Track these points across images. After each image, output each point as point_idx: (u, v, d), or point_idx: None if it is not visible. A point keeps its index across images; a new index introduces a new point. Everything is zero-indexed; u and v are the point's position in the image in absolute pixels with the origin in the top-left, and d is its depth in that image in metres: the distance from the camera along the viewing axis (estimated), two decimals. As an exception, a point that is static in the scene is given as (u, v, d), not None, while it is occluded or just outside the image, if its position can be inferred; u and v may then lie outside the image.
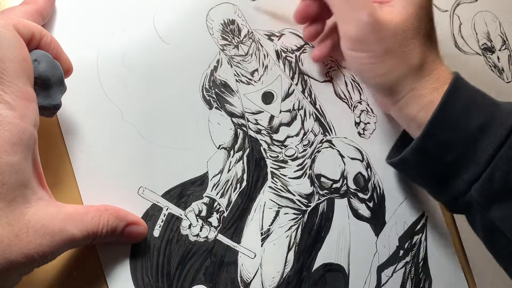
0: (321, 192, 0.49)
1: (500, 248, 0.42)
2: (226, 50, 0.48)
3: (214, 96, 0.47)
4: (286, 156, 0.48)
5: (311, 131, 0.50)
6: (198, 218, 0.44)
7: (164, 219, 0.43)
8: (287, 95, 0.49)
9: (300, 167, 0.49)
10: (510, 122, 0.39)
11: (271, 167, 0.48)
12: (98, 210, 0.36)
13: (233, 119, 0.47)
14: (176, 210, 0.44)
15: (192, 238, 0.43)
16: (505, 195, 0.39)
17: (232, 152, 0.47)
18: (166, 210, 0.43)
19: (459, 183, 0.41)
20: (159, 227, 0.43)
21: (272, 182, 0.48)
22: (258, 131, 0.48)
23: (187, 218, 0.44)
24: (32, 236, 0.30)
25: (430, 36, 0.41)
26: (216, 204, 0.45)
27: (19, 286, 0.33)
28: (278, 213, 0.47)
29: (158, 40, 0.46)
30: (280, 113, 0.49)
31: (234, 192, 0.46)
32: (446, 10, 0.61)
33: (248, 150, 0.47)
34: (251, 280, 0.45)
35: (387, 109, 0.47)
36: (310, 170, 0.49)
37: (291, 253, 0.46)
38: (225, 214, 0.45)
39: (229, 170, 0.46)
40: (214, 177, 0.45)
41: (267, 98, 0.49)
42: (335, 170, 0.50)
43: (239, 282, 0.44)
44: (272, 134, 0.48)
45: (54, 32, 0.43)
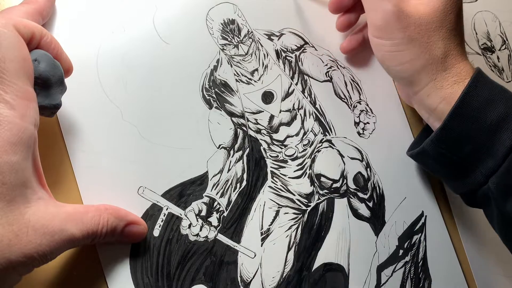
0: (321, 191, 0.49)
1: None
2: (226, 50, 0.48)
3: (214, 95, 0.47)
4: (286, 155, 0.48)
5: (311, 131, 0.50)
6: (198, 217, 0.44)
7: (164, 219, 0.43)
8: (287, 95, 0.49)
9: (300, 167, 0.49)
10: None
11: (271, 167, 0.48)
12: (98, 210, 0.36)
13: (233, 119, 0.47)
14: (176, 210, 0.44)
15: (192, 238, 0.44)
16: None
17: (232, 151, 0.47)
18: (166, 209, 0.43)
19: (477, 175, 0.41)
20: (159, 227, 0.43)
21: (272, 181, 0.48)
22: (258, 131, 0.48)
23: (187, 217, 0.44)
24: (32, 235, 0.31)
25: (455, 30, 0.42)
26: (216, 203, 0.45)
27: (19, 286, 0.33)
28: (278, 212, 0.47)
29: (158, 39, 0.46)
30: (280, 112, 0.49)
31: (234, 191, 0.46)
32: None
33: (248, 149, 0.47)
34: (251, 279, 0.45)
35: (410, 101, 0.47)
36: (310, 170, 0.49)
37: (291, 252, 0.47)
38: (225, 214, 0.45)
39: (229, 170, 0.46)
40: (214, 176, 0.45)
41: (267, 97, 0.49)
42: (335, 170, 0.50)
43: (239, 281, 0.44)
44: (272, 134, 0.48)
45: (54, 31, 0.43)
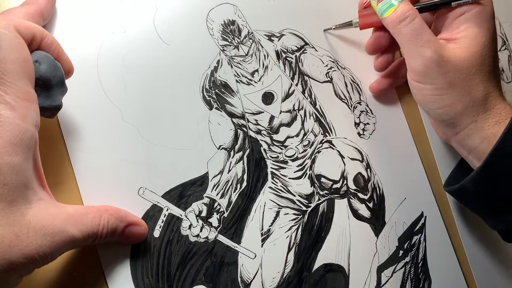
0: (321, 192, 0.49)
1: None
2: (226, 51, 0.48)
3: (214, 96, 0.47)
4: (286, 156, 0.48)
5: (311, 132, 0.50)
6: (198, 218, 0.44)
7: (164, 220, 0.43)
8: (287, 96, 0.49)
9: (300, 168, 0.49)
10: None
11: (271, 168, 0.48)
12: (98, 211, 0.36)
13: (233, 120, 0.47)
14: (176, 211, 0.44)
15: (192, 239, 0.44)
16: None
17: (232, 152, 0.47)
18: (167, 210, 0.43)
19: None
20: (159, 228, 0.43)
21: (272, 182, 0.48)
22: (258, 132, 0.48)
23: (188, 218, 0.44)
24: (32, 236, 0.31)
25: (493, 73, 0.43)
26: (216, 204, 0.45)
27: (20, 286, 0.33)
28: (278, 213, 0.47)
29: (158, 40, 0.46)
30: (280, 113, 0.49)
31: (234, 192, 0.46)
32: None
33: (248, 150, 0.47)
34: (251, 280, 0.45)
35: (448, 139, 0.48)
36: (310, 171, 0.49)
37: (291, 253, 0.47)
38: (225, 215, 0.45)
39: (229, 171, 0.46)
40: (214, 177, 0.45)
41: (267, 98, 0.49)
42: (335, 171, 0.50)
43: (239, 282, 0.44)
44: (272, 135, 0.48)
45: (55, 32, 0.43)
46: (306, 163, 0.49)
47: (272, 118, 0.48)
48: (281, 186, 0.48)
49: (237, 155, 0.47)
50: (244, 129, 0.47)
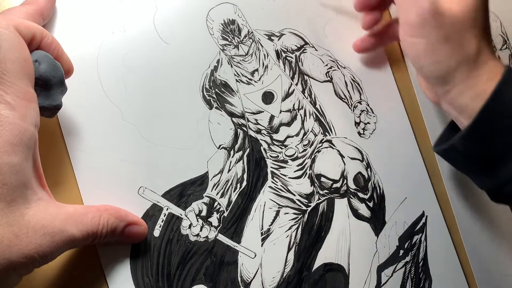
0: (321, 192, 0.49)
1: None
2: (226, 50, 0.48)
3: (214, 96, 0.47)
4: (286, 156, 0.48)
5: (311, 131, 0.50)
6: (198, 218, 0.44)
7: (164, 219, 0.43)
8: (287, 95, 0.49)
9: (300, 167, 0.49)
10: None
11: (271, 167, 0.48)
12: (98, 210, 0.36)
13: (233, 119, 0.47)
14: (176, 210, 0.44)
15: (192, 238, 0.44)
16: None
17: (232, 152, 0.47)
18: (166, 210, 0.43)
19: (505, 171, 0.42)
20: (159, 227, 0.43)
21: (272, 182, 0.48)
22: (258, 131, 0.48)
23: (187, 218, 0.44)
24: (32, 236, 0.31)
25: (486, 29, 0.42)
26: (216, 204, 0.45)
27: (19, 286, 0.33)
28: (278, 213, 0.47)
29: (158, 40, 0.46)
30: (280, 113, 0.49)
31: (234, 192, 0.46)
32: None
33: (248, 150, 0.47)
34: (251, 280, 0.45)
35: (438, 100, 0.47)
36: (310, 170, 0.49)
37: (291, 253, 0.47)
38: (225, 214, 0.45)
39: (229, 170, 0.46)
40: (214, 177, 0.45)
41: (267, 98, 0.49)
42: (335, 170, 0.50)
43: (239, 282, 0.44)
44: (272, 134, 0.48)
45: (55, 32, 0.43)
46: (306, 163, 0.49)
47: (272, 117, 0.48)
48: (281, 186, 0.48)
49: (237, 155, 0.47)
50: (244, 128, 0.47)
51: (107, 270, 0.41)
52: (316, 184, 0.49)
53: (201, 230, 0.44)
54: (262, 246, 0.46)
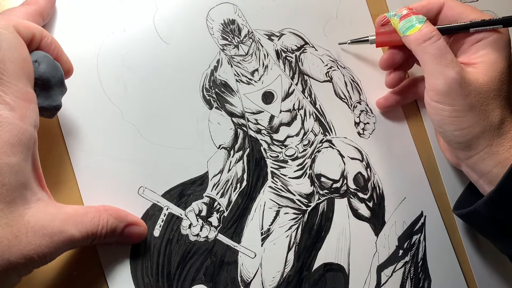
0: (321, 192, 0.49)
1: None
2: (226, 50, 0.48)
3: (214, 96, 0.47)
4: (286, 156, 0.48)
5: (311, 131, 0.50)
6: (198, 218, 0.44)
7: (164, 219, 0.43)
8: (287, 95, 0.49)
9: (300, 167, 0.49)
10: None
11: (271, 167, 0.48)
12: (97, 211, 0.36)
13: (233, 119, 0.47)
14: (176, 210, 0.44)
15: (192, 238, 0.44)
16: None
17: (232, 152, 0.47)
18: (166, 210, 0.43)
19: None
20: (159, 227, 0.43)
21: (272, 182, 0.48)
22: (258, 131, 0.48)
23: (187, 218, 0.44)
24: (31, 237, 0.31)
25: (509, 99, 0.43)
26: (216, 204, 0.45)
27: (19, 286, 0.33)
28: (278, 213, 0.47)
29: (158, 40, 0.46)
30: (280, 113, 0.49)
31: (234, 192, 0.46)
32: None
33: (248, 150, 0.47)
34: (251, 279, 0.45)
35: (458, 163, 0.48)
36: (310, 170, 0.49)
37: (291, 253, 0.47)
38: (225, 214, 0.45)
39: (229, 170, 0.46)
40: (214, 177, 0.45)
41: (267, 98, 0.49)
42: (335, 170, 0.50)
43: (239, 281, 0.44)
44: (272, 134, 0.48)
45: (55, 32, 0.43)
46: (306, 163, 0.49)
47: (272, 117, 0.48)
48: (281, 186, 0.48)
49: (237, 155, 0.47)
50: (244, 128, 0.47)
51: (107, 270, 0.41)
52: (316, 184, 0.49)
53: (201, 230, 0.44)
54: (262, 246, 0.46)
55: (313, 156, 0.49)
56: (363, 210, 0.50)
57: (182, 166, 0.45)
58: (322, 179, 0.49)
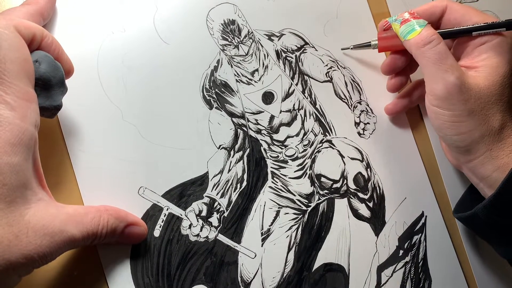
0: (321, 192, 0.49)
1: None
2: (226, 50, 0.48)
3: (214, 96, 0.47)
4: (286, 156, 0.48)
5: (311, 131, 0.50)
6: (198, 218, 0.44)
7: (164, 219, 0.43)
8: (287, 95, 0.49)
9: (300, 167, 0.49)
10: None
11: (271, 167, 0.48)
12: (98, 211, 0.36)
13: (233, 119, 0.47)
14: (176, 210, 0.44)
15: (192, 238, 0.44)
16: None
17: (232, 152, 0.47)
18: (167, 210, 0.43)
19: None
20: (160, 227, 0.43)
21: (272, 182, 0.48)
22: (258, 131, 0.48)
23: (188, 218, 0.44)
24: (31, 236, 0.31)
25: (510, 103, 0.43)
26: (216, 204, 0.45)
27: (19, 286, 0.33)
28: (278, 213, 0.47)
29: (158, 40, 0.46)
30: (280, 113, 0.49)
31: (234, 192, 0.46)
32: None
33: (248, 150, 0.47)
34: (251, 280, 0.45)
35: (459, 166, 0.48)
36: (310, 170, 0.49)
37: (291, 253, 0.47)
38: (225, 214, 0.45)
39: (229, 170, 0.46)
40: (214, 177, 0.45)
41: (267, 98, 0.49)
42: (335, 170, 0.50)
43: (239, 282, 0.44)
44: (272, 134, 0.48)
45: (55, 32, 0.43)
46: (306, 163, 0.49)
47: (272, 117, 0.48)
48: (281, 186, 0.48)
49: (237, 155, 0.47)
50: (244, 128, 0.47)
51: (107, 270, 0.41)
52: (316, 184, 0.49)
53: (201, 230, 0.44)
54: (262, 246, 0.46)
55: (313, 156, 0.49)
56: (363, 210, 0.50)
57: (182, 166, 0.45)
58: (322, 179, 0.49)
